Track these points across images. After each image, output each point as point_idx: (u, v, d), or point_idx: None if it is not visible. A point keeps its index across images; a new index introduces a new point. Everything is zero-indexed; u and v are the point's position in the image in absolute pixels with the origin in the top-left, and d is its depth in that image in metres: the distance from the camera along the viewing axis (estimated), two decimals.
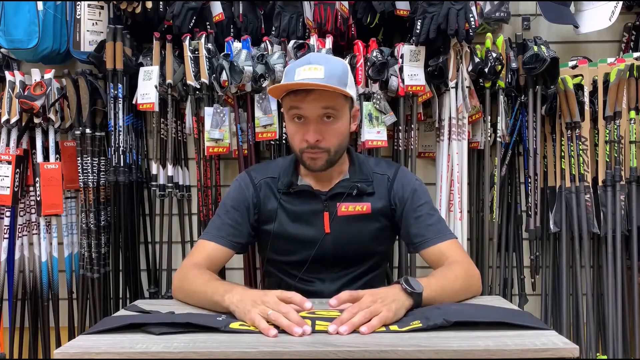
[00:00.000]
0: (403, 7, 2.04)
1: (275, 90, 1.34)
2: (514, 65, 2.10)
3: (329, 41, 2.02)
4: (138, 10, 2.01)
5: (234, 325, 1.01)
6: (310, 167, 1.37)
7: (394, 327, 1.00)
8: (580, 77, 2.13)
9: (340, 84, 1.30)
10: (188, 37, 2.04)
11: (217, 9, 2.11)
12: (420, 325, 0.99)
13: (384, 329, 1.00)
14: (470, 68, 2.07)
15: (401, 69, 2.04)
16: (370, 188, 1.43)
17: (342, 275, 1.44)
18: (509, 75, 2.12)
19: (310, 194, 1.42)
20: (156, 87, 2.04)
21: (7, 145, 2.12)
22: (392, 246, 1.57)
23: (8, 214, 2.12)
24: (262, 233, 1.48)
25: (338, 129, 1.35)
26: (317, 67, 1.29)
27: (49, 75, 2.09)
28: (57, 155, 2.16)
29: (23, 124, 2.10)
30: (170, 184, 2.13)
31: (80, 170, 2.11)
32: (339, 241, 1.41)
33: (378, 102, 2.03)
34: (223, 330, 0.99)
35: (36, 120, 2.09)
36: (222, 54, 2.02)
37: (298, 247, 1.42)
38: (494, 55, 2.06)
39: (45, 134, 2.15)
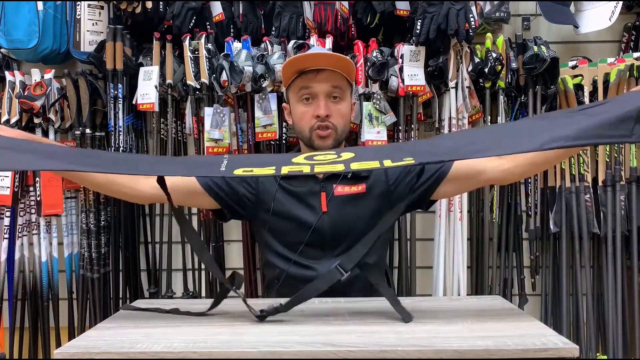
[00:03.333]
0: (403, 7, 2.04)
1: (289, 67, 1.45)
2: (514, 65, 2.10)
3: (329, 41, 2.02)
4: (138, 10, 2.01)
5: (238, 171, 1.03)
6: (320, 146, 1.44)
7: (387, 162, 1.01)
8: (580, 77, 2.13)
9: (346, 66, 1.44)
10: (188, 37, 2.05)
11: (217, 9, 2.11)
12: (413, 161, 1.00)
13: (377, 164, 1.01)
14: (470, 68, 2.07)
15: (401, 69, 2.04)
16: (365, 172, 1.47)
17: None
18: (509, 76, 2.12)
19: (307, 176, 1.46)
20: (156, 87, 2.04)
21: None
22: (387, 234, 1.60)
23: (8, 214, 2.12)
24: (260, 214, 1.49)
25: (343, 109, 1.47)
26: (323, 50, 1.48)
27: (49, 75, 2.08)
28: None
29: (23, 124, 2.10)
30: None
31: None
32: (336, 220, 1.43)
33: (378, 102, 2.03)
34: (228, 176, 1.03)
35: (36, 121, 2.08)
36: (222, 54, 2.02)
37: (296, 226, 1.44)
38: (494, 55, 2.06)
39: (45, 134, 2.14)
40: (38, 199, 2.08)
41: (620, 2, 2.14)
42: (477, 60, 2.06)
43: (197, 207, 2.10)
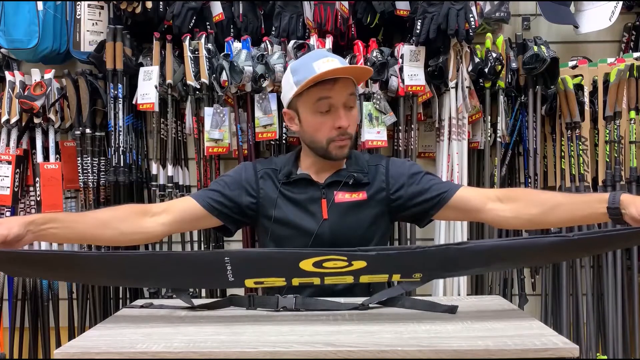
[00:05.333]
0: (403, 7, 2.04)
1: (308, 84, 1.38)
2: (514, 65, 2.10)
3: (329, 41, 2.02)
4: (138, 10, 2.01)
5: (249, 282, 1.08)
6: (338, 156, 1.43)
7: (396, 277, 1.04)
8: (580, 77, 2.13)
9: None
10: (188, 37, 2.04)
11: (217, 9, 2.11)
12: (420, 278, 1.04)
13: (386, 279, 1.05)
14: (470, 68, 2.07)
15: (401, 69, 2.04)
16: (366, 179, 1.46)
17: None
18: (509, 75, 2.12)
19: (308, 182, 1.45)
20: (156, 87, 2.04)
21: (7, 145, 2.12)
22: (387, 237, 1.59)
23: (8, 214, 2.12)
24: (262, 221, 1.49)
25: (355, 116, 1.45)
26: (332, 59, 1.39)
27: (49, 75, 2.08)
28: (57, 155, 2.16)
29: (23, 124, 2.10)
30: (170, 184, 2.13)
31: (80, 170, 2.11)
32: (337, 227, 1.42)
33: (378, 102, 2.03)
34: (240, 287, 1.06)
35: (36, 121, 2.08)
36: (222, 54, 2.02)
37: (297, 234, 1.43)
38: (494, 55, 2.06)
39: (45, 134, 2.15)
40: (38, 199, 2.08)
41: (620, 2, 2.14)
42: (477, 60, 2.06)
43: (202, 229, 2.07)
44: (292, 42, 2.03)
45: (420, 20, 1.96)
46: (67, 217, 1.34)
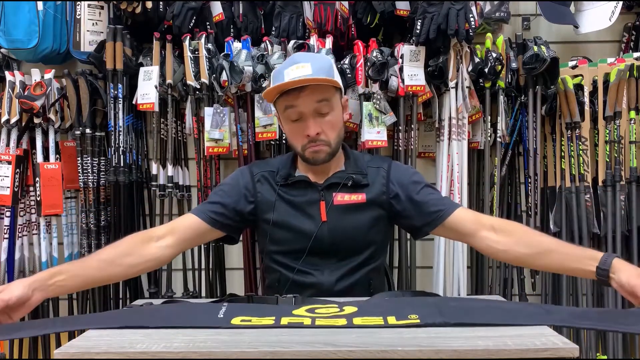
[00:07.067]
0: (403, 7, 2.04)
1: (269, 94, 1.40)
2: (514, 65, 2.10)
3: (329, 41, 2.02)
4: (138, 10, 2.01)
5: (235, 320, 1.03)
6: (314, 160, 1.41)
7: (391, 319, 1.01)
8: (580, 77, 2.13)
9: (328, 75, 1.37)
10: (188, 37, 2.05)
11: (217, 9, 2.11)
12: (418, 321, 1.00)
13: (381, 321, 1.01)
14: (470, 68, 2.07)
15: (401, 69, 2.04)
16: (365, 180, 1.46)
17: (340, 266, 1.45)
18: (509, 75, 2.12)
19: (307, 184, 1.45)
20: (156, 87, 2.04)
21: (7, 145, 2.12)
22: (388, 239, 1.59)
23: (8, 214, 2.12)
24: (261, 224, 1.49)
25: (333, 121, 1.41)
26: (304, 64, 1.36)
27: (49, 75, 2.08)
28: (57, 156, 2.16)
29: (23, 124, 2.10)
30: (170, 184, 2.13)
31: (80, 170, 2.11)
32: (336, 229, 1.43)
33: (378, 102, 2.03)
34: (224, 327, 1.01)
35: (36, 121, 2.08)
36: (222, 54, 2.02)
37: (296, 236, 1.44)
38: (494, 55, 2.06)
39: (45, 134, 2.15)
40: (38, 199, 2.08)
41: (620, 2, 2.14)
42: (477, 60, 2.06)
43: (207, 242, 2.08)
44: (292, 42, 2.03)
45: (420, 20, 1.96)
46: (71, 266, 1.28)
